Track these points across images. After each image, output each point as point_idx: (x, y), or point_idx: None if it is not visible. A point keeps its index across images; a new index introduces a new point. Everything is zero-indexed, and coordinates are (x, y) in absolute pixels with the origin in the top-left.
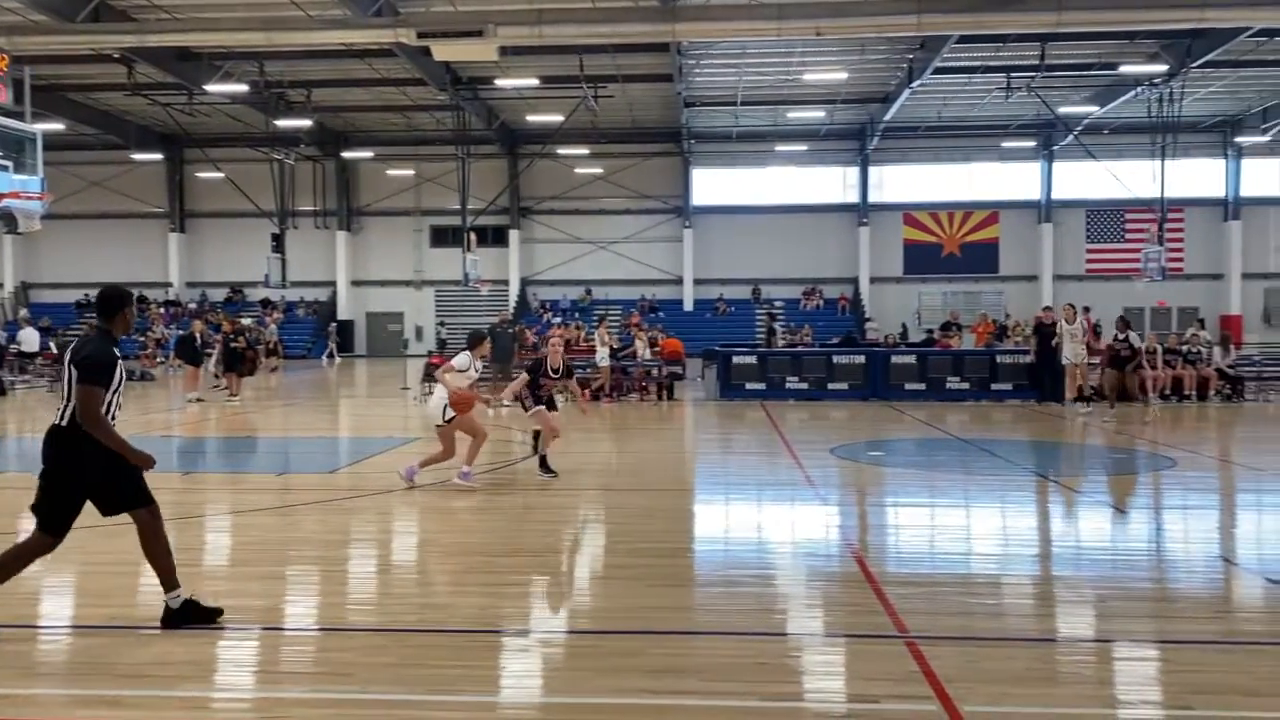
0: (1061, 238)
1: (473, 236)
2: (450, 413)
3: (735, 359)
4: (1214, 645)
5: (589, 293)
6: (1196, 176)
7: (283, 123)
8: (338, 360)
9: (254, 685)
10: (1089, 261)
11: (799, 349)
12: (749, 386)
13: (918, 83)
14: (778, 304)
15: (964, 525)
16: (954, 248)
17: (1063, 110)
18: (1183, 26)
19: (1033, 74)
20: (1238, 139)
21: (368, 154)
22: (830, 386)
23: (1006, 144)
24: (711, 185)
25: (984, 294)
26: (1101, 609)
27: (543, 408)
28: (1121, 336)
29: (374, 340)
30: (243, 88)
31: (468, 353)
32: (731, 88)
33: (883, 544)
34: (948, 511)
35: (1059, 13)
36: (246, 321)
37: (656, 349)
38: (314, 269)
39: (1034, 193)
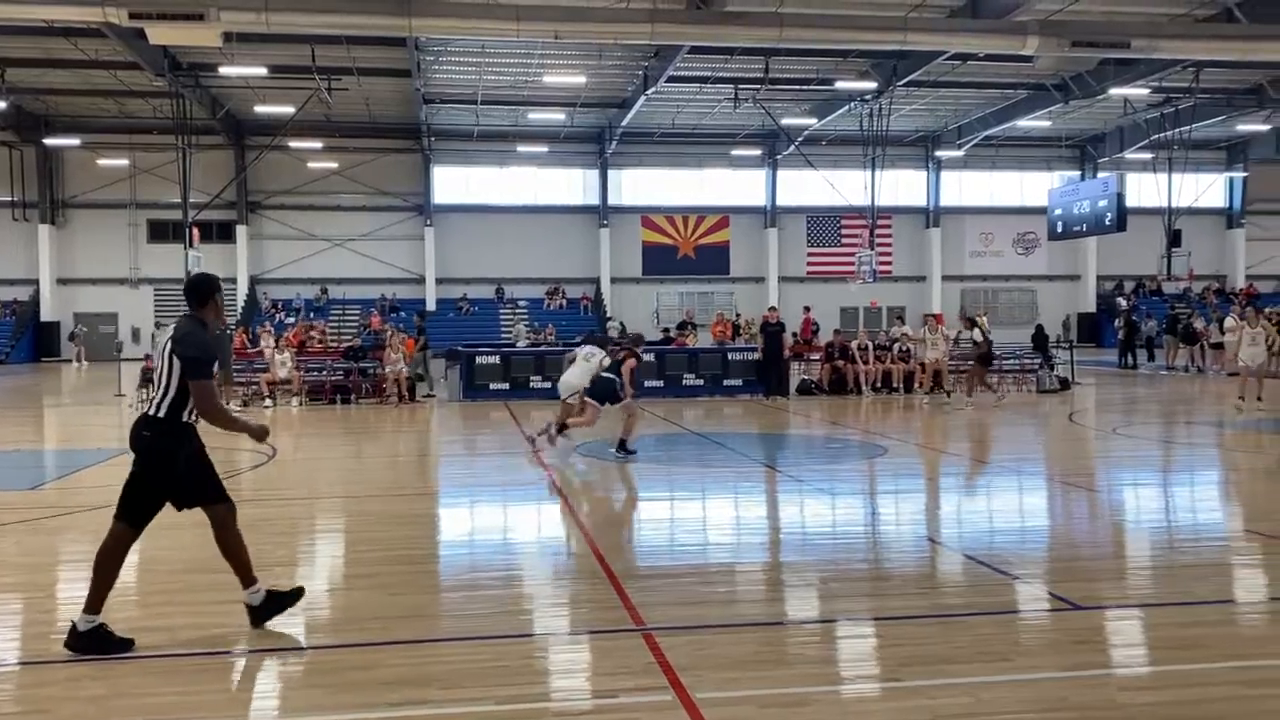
0: (785, 242)
1: (195, 232)
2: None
3: (478, 359)
4: (921, 619)
5: (325, 292)
6: (903, 186)
7: None
8: (84, 365)
9: None
10: (809, 264)
11: (542, 348)
12: (493, 387)
13: (653, 89)
14: (521, 303)
15: (699, 517)
16: (689, 250)
17: (785, 121)
18: (889, 48)
19: (758, 86)
20: (937, 153)
21: (74, 141)
22: None
23: (735, 152)
24: (453, 183)
25: (716, 294)
26: (823, 590)
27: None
28: (968, 331)
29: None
30: None
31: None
32: (472, 86)
33: (622, 539)
34: (684, 504)
35: (780, 29)
36: None
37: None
38: (13, 265)
39: (761, 199)
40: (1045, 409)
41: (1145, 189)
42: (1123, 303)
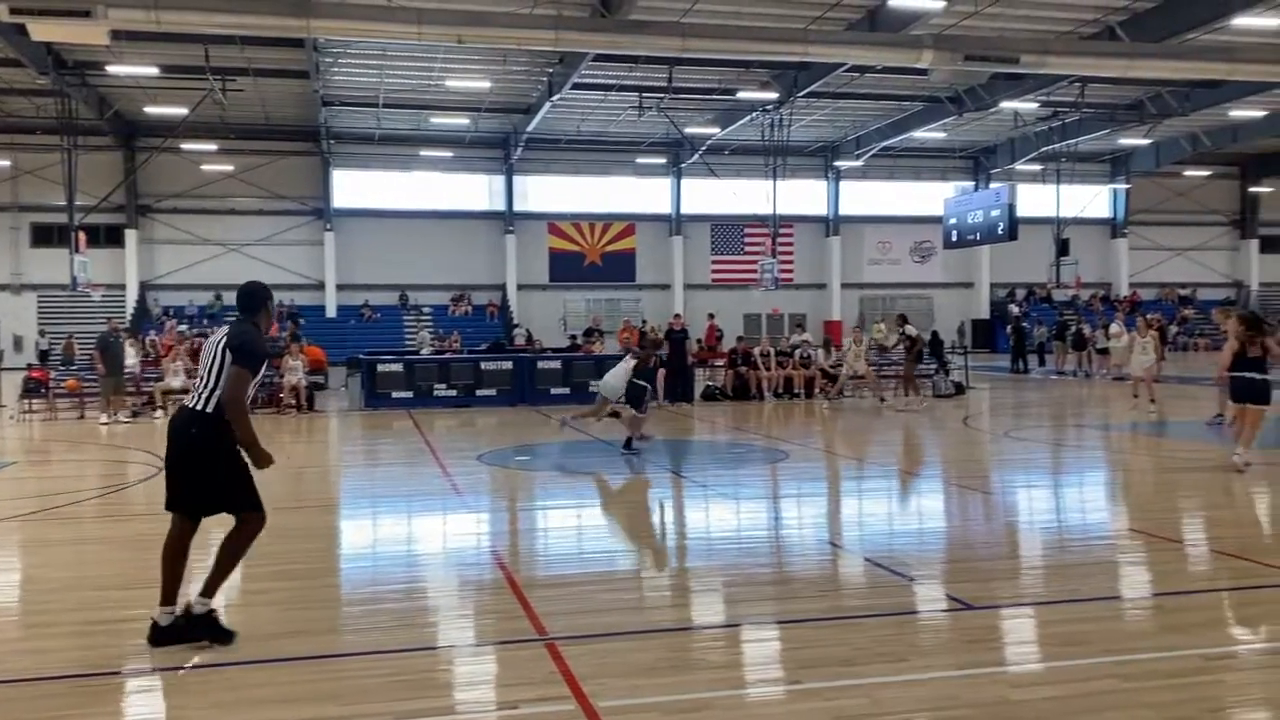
0: (690, 249)
1: (82, 236)
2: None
3: (380, 367)
4: (821, 622)
5: (219, 298)
6: (804, 195)
7: None
8: None
9: None
10: (714, 272)
11: (447, 355)
12: (395, 395)
13: (558, 96)
14: (425, 310)
15: (604, 524)
16: (595, 257)
17: (689, 130)
18: (789, 59)
19: (662, 95)
20: (837, 163)
21: None
22: (479, 392)
23: (641, 160)
24: (354, 188)
25: (623, 301)
26: (726, 595)
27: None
28: (901, 331)
29: None
30: None
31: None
32: (373, 89)
33: (526, 548)
34: (589, 512)
35: (683, 39)
36: None
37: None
38: None
39: (666, 207)
40: (941, 413)
41: (1035, 199)
42: (1014, 310)
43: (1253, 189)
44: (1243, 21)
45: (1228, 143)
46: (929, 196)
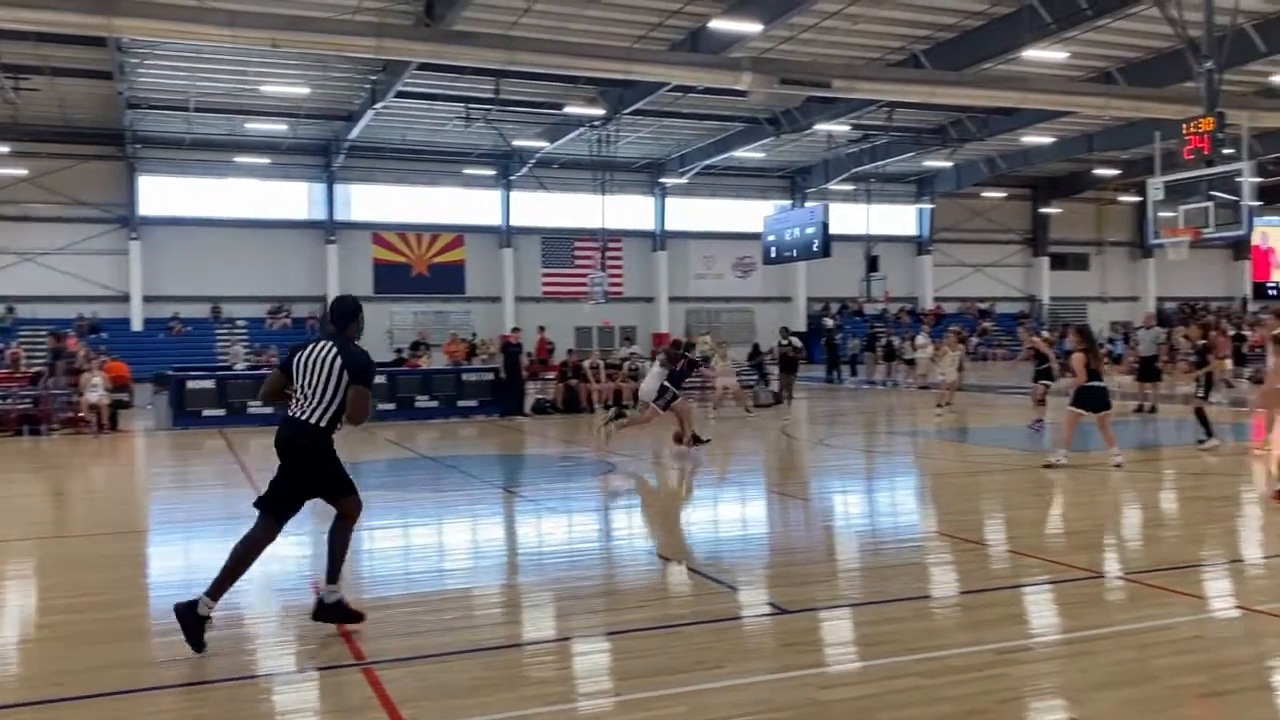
0: (521, 262)
1: None
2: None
3: (190, 383)
4: (643, 632)
5: (11, 310)
6: (632, 211)
7: None
8: None
9: None
10: (544, 285)
11: (263, 371)
12: (207, 413)
13: (381, 104)
14: (240, 323)
15: (429, 543)
16: (423, 268)
17: (518, 143)
18: (615, 76)
19: (489, 107)
20: (662, 179)
21: None
22: None
23: (469, 171)
24: (163, 194)
25: (452, 314)
26: (550, 610)
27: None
28: (785, 342)
29: None
30: None
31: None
32: (183, 92)
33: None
34: (414, 531)
35: (510, 51)
36: None
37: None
38: None
39: (495, 218)
40: (760, 422)
41: (847, 218)
42: (829, 322)
43: (1043, 209)
44: (1033, 54)
45: (1021, 166)
46: (750, 214)
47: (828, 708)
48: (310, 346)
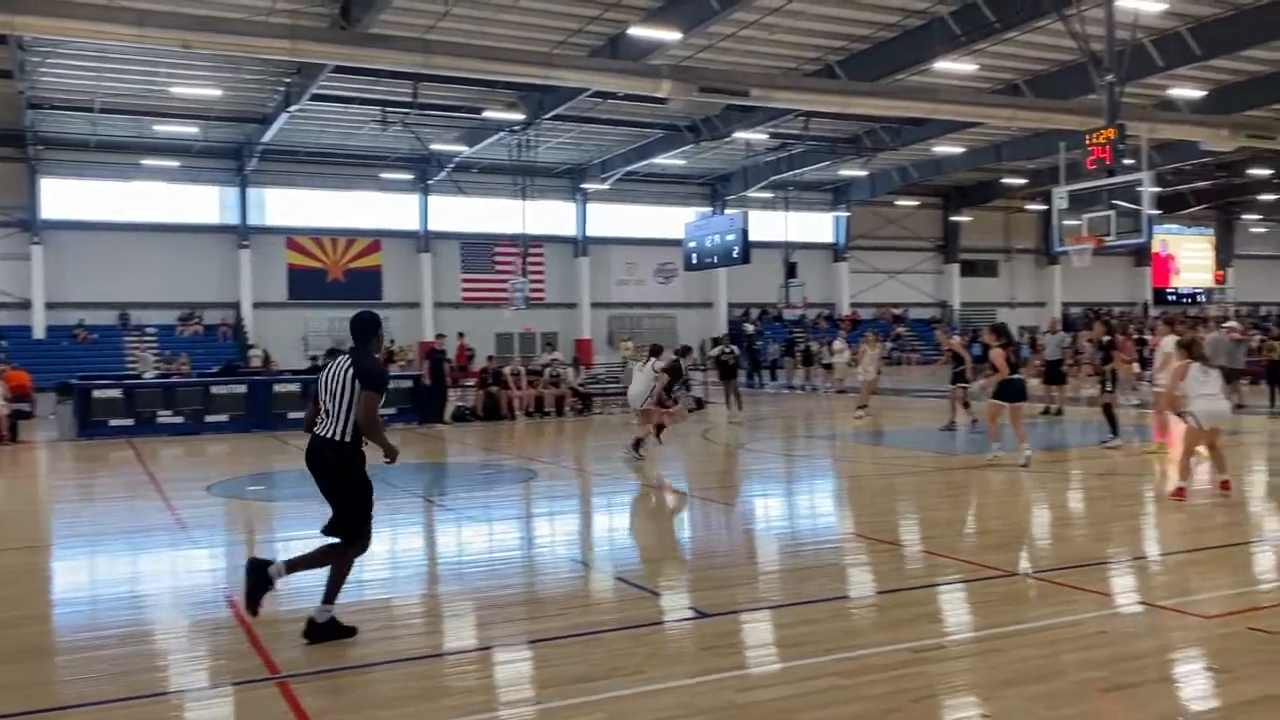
0: (440, 267)
1: None
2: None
3: (96, 392)
4: (563, 640)
5: None
6: (553, 216)
7: None
8: None
9: None
10: (464, 290)
11: (173, 379)
12: (114, 423)
13: (295, 107)
14: (149, 330)
15: None
16: (339, 274)
17: (436, 147)
18: (534, 81)
19: (407, 110)
20: (584, 185)
21: None
22: (209, 419)
23: (386, 175)
24: (67, 197)
25: None
26: (471, 619)
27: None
28: (727, 350)
29: None
30: None
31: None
32: (89, 92)
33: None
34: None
35: (427, 55)
36: None
37: None
38: None
39: (413, 223)
40: (683, 428)
41: (766, 224)
42: (749, 328)
43: (953, 218)
44: (943, 65)
45: (932, 175)
46: (671, 220)
47: (746, 710)
48: (330, 364)
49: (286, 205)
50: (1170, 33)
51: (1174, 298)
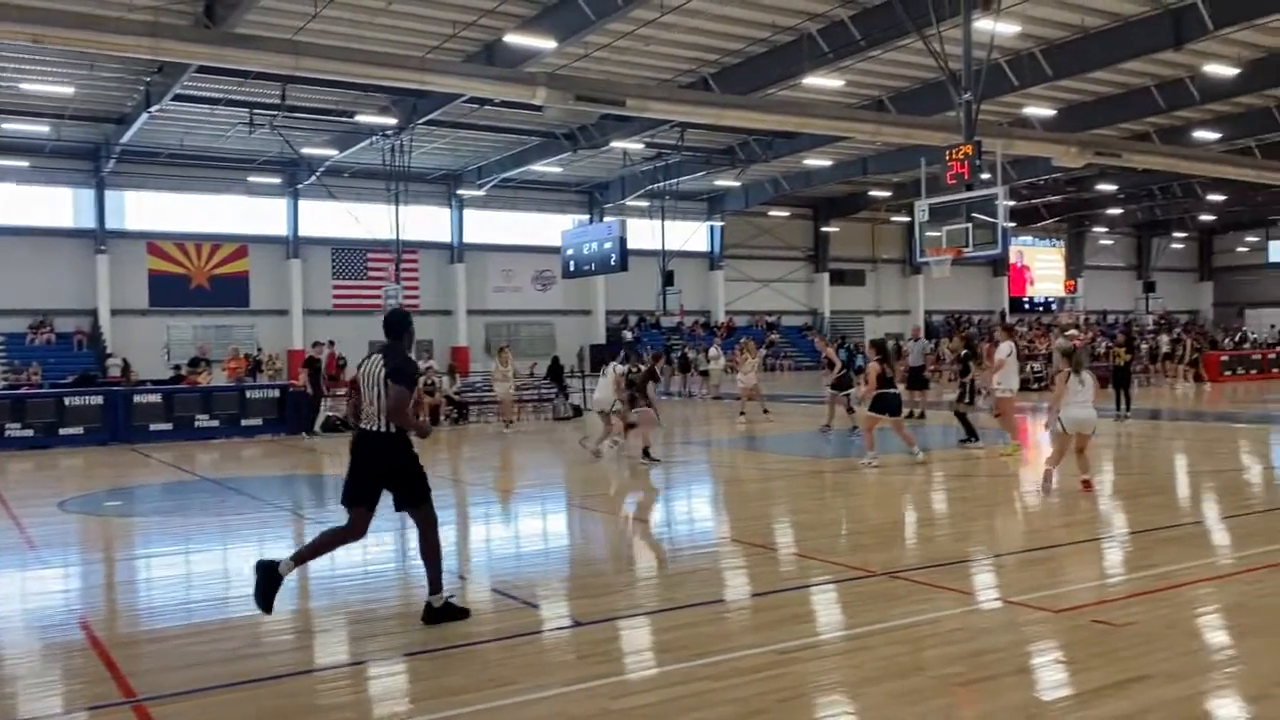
0: (310, 274)
1: None
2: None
3: None
4: (433, 653)
5: None
6: (428, 222)
7: None
8: None
9: None
10: (335, 297)
11: (22, 390)
12: None
13: (156, 107)
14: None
15: (210, 570)
16: (203, 280)
17: (306, 151)
18: (408, 86)
19: (275, 113)
20: (460, 191)
21: None
22: (63, 432)
23: (253, 179)
24: None
25: (236, 328)
26: (341, 635)
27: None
28: (636, 369)
29: None
30: None
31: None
32: None
33: (114, 603)
34: (194, 558)
35: (296, 57)
36: None
37: None
38: None
39: (282, 229)
40: (560, 435)
41: (643, 233)
42: (627, 335)
43: (823, 228)
44: (812, 80)
45: (803, 187)
46: (549, 227)
47: (619, 716)
48: (365, 362)
49: (148, 209)
50: (1024, 53)
51: (1029, 306)
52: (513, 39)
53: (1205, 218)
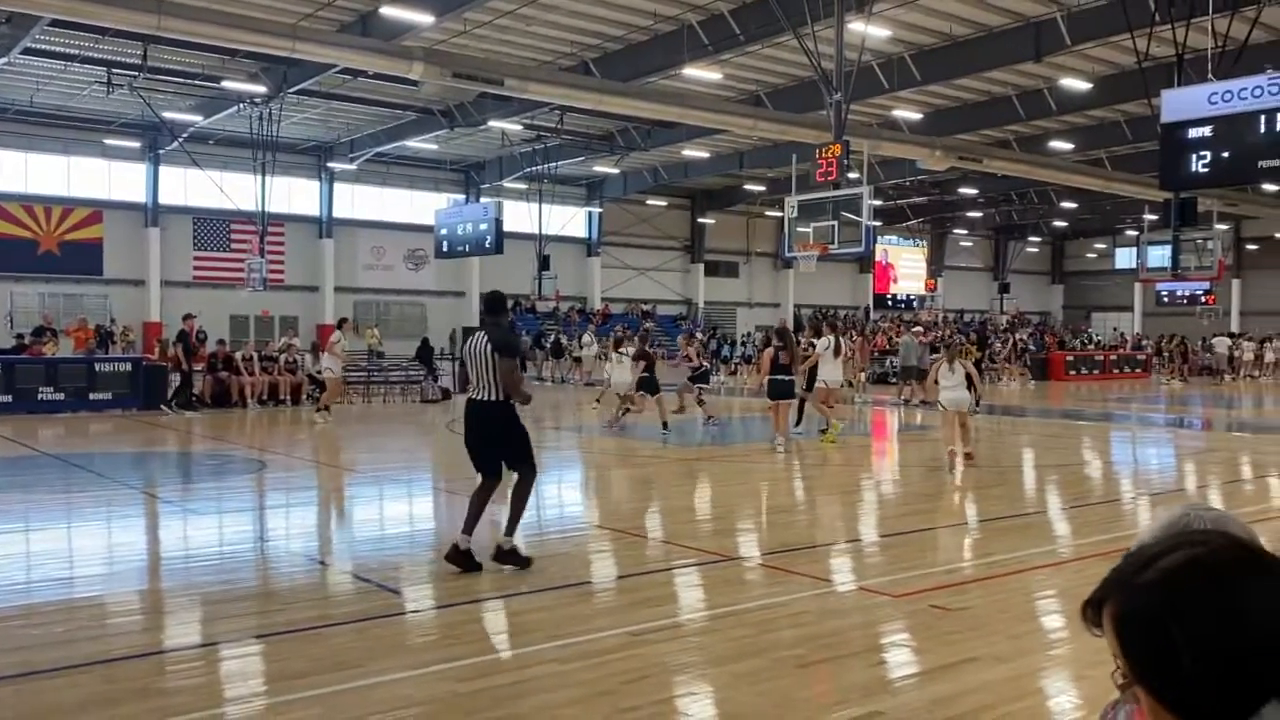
0: (169, 243)
1: None
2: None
3: None
4: (280, 636)
5: None
6: (296, 194)
7: None
8: None
9: None
10: (196, 269)
11: None
12: None
13: (4, 60)
14: None
15: (49, 549)
16: (52, 245)
17: (168, 115)
18: (278, 54)
19: (136, 74)
20: (330, 164)
21: None
22: None
23: (110, 141)
24: None
25: (87, 297)
26: (180, 617)
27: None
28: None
29: None
30: None
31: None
32: None
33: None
34: (33, 537)
35: (159, 16)
36: None
37: None
38: None
39: (141, 195)
40: (428, 418)
41: (520, 216)
42: (648, 324)
43: (700, 219)
44: (692, 72)
45: (681, 178)
46: (423, 205)
47: (466, 699)
48: (470, 339)
49: None
50: (895, 58)
51: (892, 303)
52: (389, 11)
53: (1058, 224)
